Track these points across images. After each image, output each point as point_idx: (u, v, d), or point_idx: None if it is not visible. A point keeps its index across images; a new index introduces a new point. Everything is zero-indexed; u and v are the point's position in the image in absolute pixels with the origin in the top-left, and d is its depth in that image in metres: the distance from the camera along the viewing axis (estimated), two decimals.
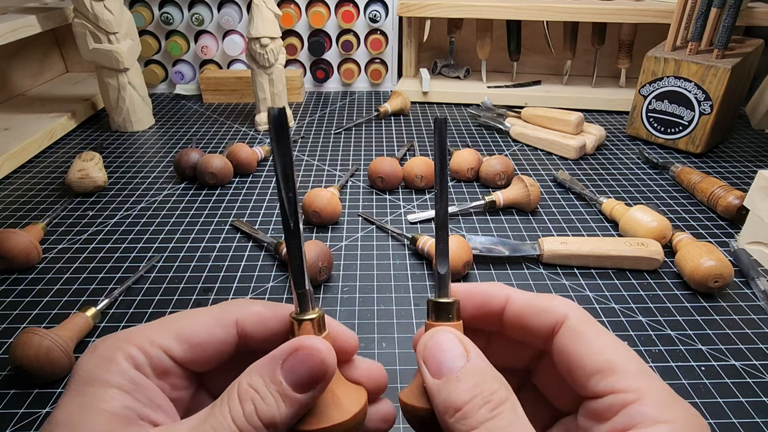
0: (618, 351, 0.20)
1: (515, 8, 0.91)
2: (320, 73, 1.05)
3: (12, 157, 0.72)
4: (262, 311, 0.23)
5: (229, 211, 0.62)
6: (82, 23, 0.77)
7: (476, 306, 0.23)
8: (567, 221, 0.60)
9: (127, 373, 0.19)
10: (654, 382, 0.19)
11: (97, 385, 0.19)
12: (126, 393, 0.19)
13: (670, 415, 0.17)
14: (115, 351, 0.20)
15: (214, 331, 0.22)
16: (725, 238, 0.57)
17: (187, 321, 0.22)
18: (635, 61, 0.94)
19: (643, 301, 0.48)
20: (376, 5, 1.00)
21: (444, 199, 0.22)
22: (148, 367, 0.20)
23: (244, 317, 0.22)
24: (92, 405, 0.18)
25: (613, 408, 0.18)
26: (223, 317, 0.22)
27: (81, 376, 0.19)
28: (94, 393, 0.18)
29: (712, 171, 0.72)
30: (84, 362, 0.19)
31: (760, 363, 0.41)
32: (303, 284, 0.21)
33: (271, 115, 0.20)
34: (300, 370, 0.19)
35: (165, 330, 0.21)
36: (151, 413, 0.19)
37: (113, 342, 0.20)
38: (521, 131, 0.81)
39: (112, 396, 0.18)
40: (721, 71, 0.70)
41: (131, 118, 0.86)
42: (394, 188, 0.67)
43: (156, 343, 0.20)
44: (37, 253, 0.52)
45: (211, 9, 1.01)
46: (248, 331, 0.22)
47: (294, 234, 0.21)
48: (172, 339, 0.21)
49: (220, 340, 0.22)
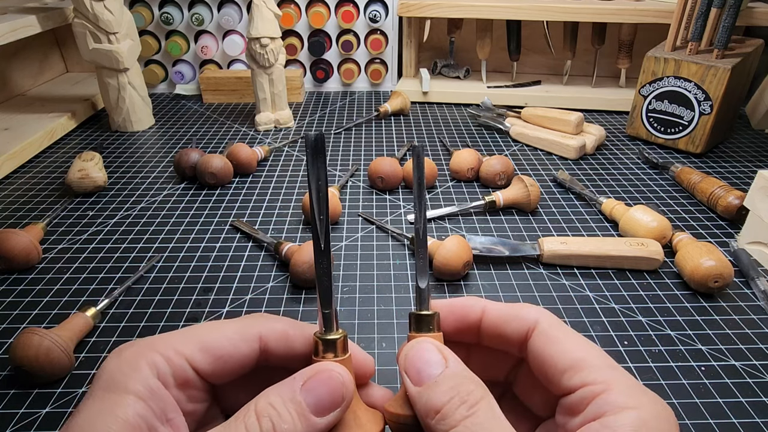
0: (587, 349, 0.21)
1: (515, 8, 0.91)
2: (320, 73, 1.05)
3: (12, 157, 0.72)
4: (286, 329, 0.23)
5: (229, 211, 0.62)
6: (82, 23, 0.77)
7: (457, 319, 0.24)
8: (567, 221, 0.60)
9: (147, 382, 0.19)
10: (621, 374, 0.20)
11: (117, 391, 0.19)
12: (142, 401, 0.19)
13: (636, 402, 0.19)
14: (139, 358, 0.20)
15: (239, 345, 0.22)
16: (725, 238, 0.57)
17: (213, 333, 0.22)
18: (635, 61, 0.94)
19: (643, 301, 0.48)
20: (376, 5, 1.00)
21: (423, 219, 0.23)
22: (170, 376, 0.20)
23: (267, 333, 0.23)
24: (109, 411, 0.18)
25: (585, 401, 0.19)
26: (247, 331, 0.22)
27: (104, 380, 0.19)
28: (111, 399, 0.19)
29: (712, 171, 0.72)
30: (108, 365, 0.20)
31: (760, 363, 0.41)
32: (329, 304, 0.21)
33: (309, 140, 0.20)
34: (320, 392, 0.20)
35: (190, 340, 0.21)
36: (159, 426, 0.19)
37: (138, 348, 0.20)
38: (521, 131, 0.81)
39: (128, 403, 0.19)
40: (721, 71, 0.70)
41: (131, 118, 0.86)
42: (394, 188, 0.67)
43: (181, 353, 0.21)
44: (37, 253, 0.52)
45: (211, 9, 1.01)
46: (270, 346, 0.23)
47: (324, 254, 0.21)
48: (197, 350, 0.21)
49: (244, 354, 0.22)
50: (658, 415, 0.18)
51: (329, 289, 0.22)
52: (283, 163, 0.75)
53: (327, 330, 0.21)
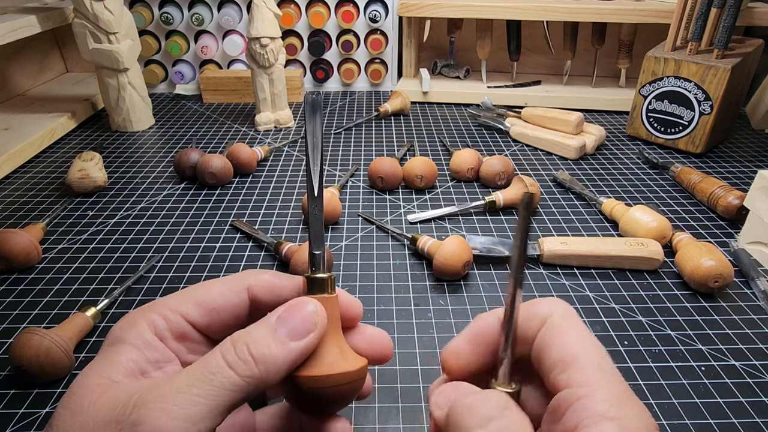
0: (584, 345, 0.19)
1: (515, 8, 0.91)
2: (320, 73, 1.05)
3: (12, 157, 0.72)
4: (271, 278, 0.25)
5: (229, 211, 0.62)
6: (82, 23, 0.77)
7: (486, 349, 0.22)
8: (567, 221, 0.60)
9: (143, 335, 0.22)
10: (609, 378, 0.18)
11: (116, 344, 0.22)
12: (137, 349, 0.21)
13: (617, 412, 0.17)
14: (138, 317, 0.22)
15: (228, 297, 0.24)
16: (725, 238, 0.57)
17: (204, 289, 0.24)
18: (635, 61, 0.94)
19: (643, 301, 0.48)
20: (376, 5, 1.00)
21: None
22: (167, 331, 0.23)
23: (254, 284, 0.24)
24: (106, 357, 0.21)
25: (565, 404, 0.18)
26: (235, 284, 0.24)
27: (108, 339, 0.22)
28: (111, 349, 0.21)
29: (712, 171, 0.72)
30: (113, 327, 0.23)
31: (760, 363, 0.41)
32: (320, 246, 0.24)
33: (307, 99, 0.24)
34: (293, 321, 0.21)
35: (184, 298, 0.23)
36: (151, 370, 0.22)
37: (139, 310, 0.23)
38: (521, 131, 0.81)
39: (123, 350, 0.21)
40: (721, 71, 0.70)
41: (131, 118, 0.86)
42: (394, 188, 0.67)
43: (176, 310, 0.23)
44: (37, 253, 0.52)
45: (211, 9, 1.01)
46: (259, 296, 0.24)
47: (317, 200, 0.24)
48: (191, 305, 0.23)
49: (234, 304, 0.24)
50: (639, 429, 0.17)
51: (321, 232, 0.24)
52: (283, 163, 0.75)
53: (315, 270, 0.23)
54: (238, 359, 0.20)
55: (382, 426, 0.35)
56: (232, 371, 0.19)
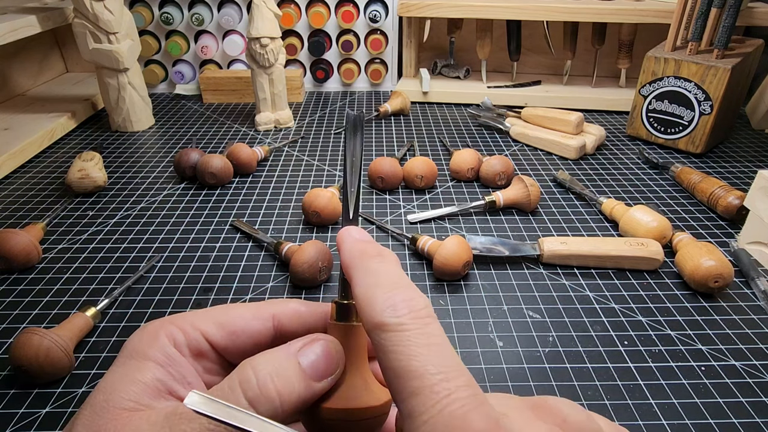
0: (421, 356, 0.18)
1: (515, 8, 0.91)
2: (320, 73, 1.05)
3: (12, 157, 0.72)
4: (298, 308, 0.24)
5: (229, 211, 0.62)
6: (82, 23, 0.77)
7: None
8: (567, 221, 0.60)
9: (165, 350, 0.21)
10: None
11: (138, 358, 0.21)
12: (160, 366, 0.21)
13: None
14: (159, 329, 0.22)
15: (251, 323, 0.24)
16: (725, 238, 0.57)
17: (227, 311, 0.24)
18: (635, 61, 0.94)
19: (643, 301, 0.48)
20: (376, 5, 1.00)
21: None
22: (185, 347, 0.22)
23: (280, 312, 0.24)
24: (129, 375, 0.20)
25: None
26: (260, 311, 0.24)
27: (127, 350, 0.21)
28: (132, 364, 0.21)
29: (712, 171, 0.72)
30: (132, 338, 0.22)
31: (760, 363, 0.41)
32: None
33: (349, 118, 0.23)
34: (318, 360, 0.20)
35: (206, 317, 0.23)
36: (179, 388, 0.21)
37: (159, 322, 0.22)
38: (521, 131, 0.81)
39: (147, 368, 0.21)
40: (721, 71, 0.70)
41: (131, 118, 0.86)
42: (394, 188, 0.67)
43: (197, 327, 0.23)
44: (37, 253, 0.52)
45: (211, 9, 1.01)
46: (284, 324, 0.24)
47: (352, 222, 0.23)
48: (212, 324, 0.23)
49: (257, 330, 0.24)
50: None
51: None
52: (283, 163, 0.75)
53: (344, 296, 0.22)
54: (260, 395, 0.19)
55: None
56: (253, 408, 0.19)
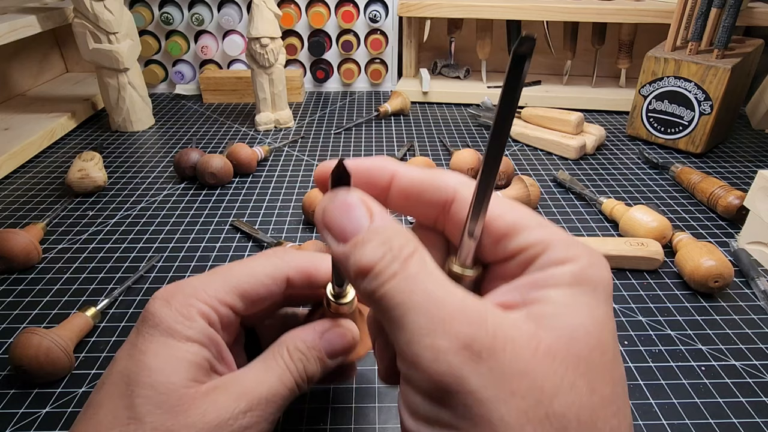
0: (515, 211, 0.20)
1: (515, 8, 0.91)
2: (320, 73, 1.05)
3: (12, 157, 0.72)
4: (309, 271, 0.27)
5: (229, 211, 0.62)
6: (82, 23, 0.77)
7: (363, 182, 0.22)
8: (567, 221, 0.60)
9: (205, 331, 0.23)
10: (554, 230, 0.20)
11: (179, 338, 0.22)
12: (205, 347, 0.23)
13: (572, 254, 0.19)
14: (191, 308, 0.23)
15: (271, 288, 0.25)
16: (725, 238, 0.57)
17: (248, 278, 0.25)
18: (635, 61, 0.94)
19: (643, 301, 0.48)
20: (376, 5, 1.00)
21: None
22: (218, 323, 0.24)
23: (294, 275, 0.26)
24: (180, 356, 0.22)
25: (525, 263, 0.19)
26: (277, 271, 0.26)
27: (160, 328, 0.22)
28: (176, 345, 0.22)
29: (712, 171, 0.72)
30: (157, 310, 0.23)
31: (760, 363, 0.41)
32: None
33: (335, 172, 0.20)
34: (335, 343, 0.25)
35: (230, 288, 0.25)
36: (218, 365, 0.23)
37: (185, 298, 0.24)
38: (521, 131, 0.81)
39: (195, 350, 0.22)
40: (721, 71, 0.70)
41: (131, 118, 0.86)
42: None
43: (224, 302, 0.24)
44: (37, 253, 0.52)
45: (211, 9, 1.01)
46: (295, 284, 0.26)
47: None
48: (237, 297, 0.25)
49: (274, 294, 0.26)
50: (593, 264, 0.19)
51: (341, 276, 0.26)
52: (283, 163, 0.75)
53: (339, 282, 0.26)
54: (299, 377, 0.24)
55: (382, 426, 0.35)
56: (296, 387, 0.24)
